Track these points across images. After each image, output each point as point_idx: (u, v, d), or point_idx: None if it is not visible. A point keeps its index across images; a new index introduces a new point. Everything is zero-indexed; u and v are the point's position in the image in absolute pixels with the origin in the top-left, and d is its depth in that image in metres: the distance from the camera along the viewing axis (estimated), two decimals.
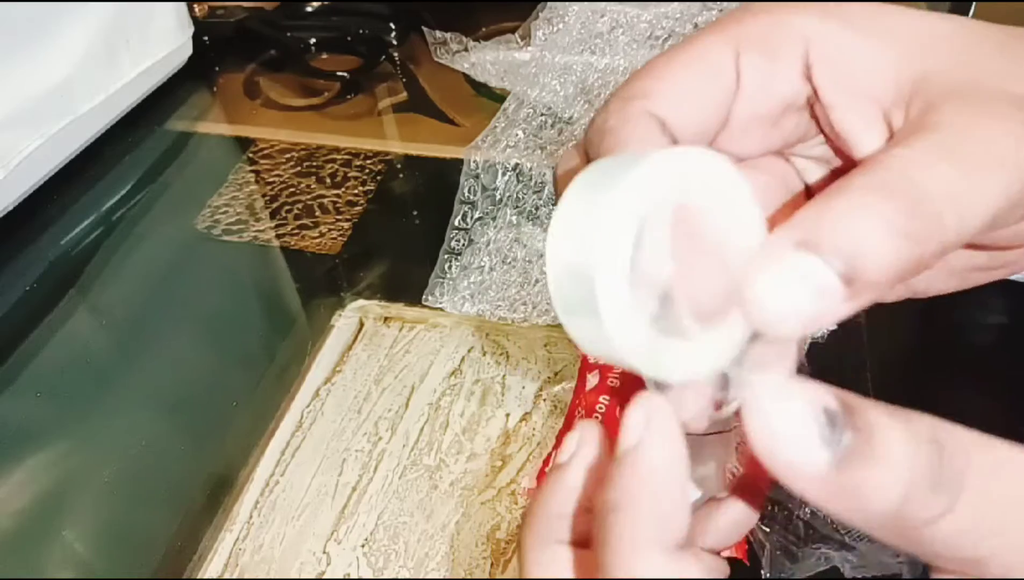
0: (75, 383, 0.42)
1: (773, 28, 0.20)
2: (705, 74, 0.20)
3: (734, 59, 0.20)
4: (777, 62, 0.20)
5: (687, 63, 0.20)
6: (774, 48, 0.20)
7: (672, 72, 0.20)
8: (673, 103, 0.20)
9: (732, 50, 0.20)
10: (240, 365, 0.43)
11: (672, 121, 0.20)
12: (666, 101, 0.20)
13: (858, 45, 0.20)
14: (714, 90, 0.20)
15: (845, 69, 0.20)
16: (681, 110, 0.20)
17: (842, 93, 0.20)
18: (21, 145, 0.48)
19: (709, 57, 0.20)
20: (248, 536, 0.35)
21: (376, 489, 0.36)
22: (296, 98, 0.61)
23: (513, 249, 0.45)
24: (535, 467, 0.36)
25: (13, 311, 0.46)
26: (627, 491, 0.16)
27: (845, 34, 0.20)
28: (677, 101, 0.20)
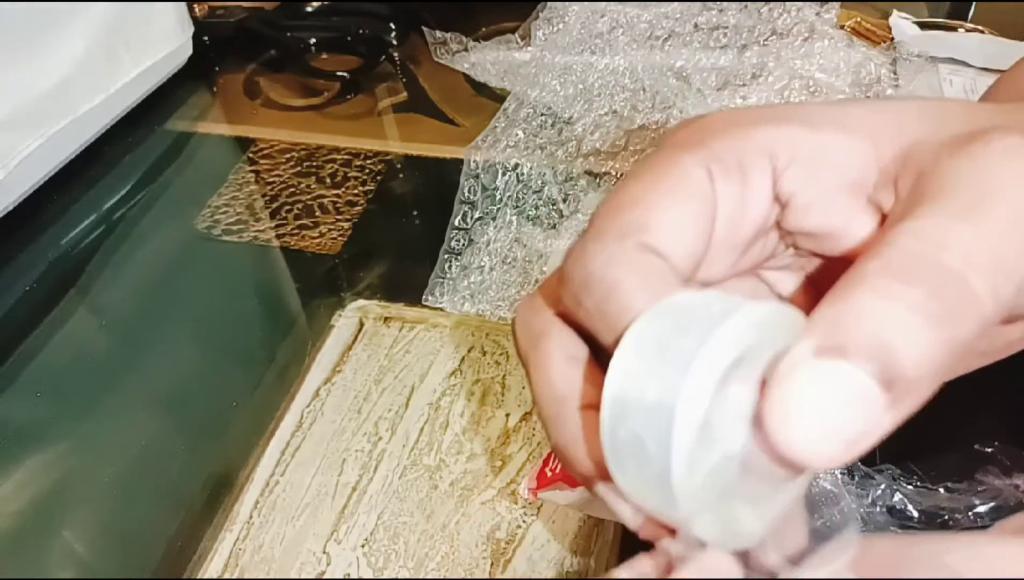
0: (75, 383, 0.42)
1: (738, 146, 0.19)
2: (692, 200, 0.19)
3: (711, 183, 0.19)
4: (748, 185, 0.19)
5: (672, 189, 0.19)
6: (744, 169, 0.19)
7: (660, 201, 0.19)
8: (669, 235, 0.18)
9: (707, 173, 0.19)
10: (240, 365, 0.43)
11: (670, 254, 0.18)
12: (662, 234, 0.18)
13: (826, 142, 0.19)
14: (703, 217, 0.19)
15: (817, 168, 0.19)
16: (677, 240, 0.18)
17: (818, 191, 0.19)
18: (21, 145, 0.48)
19: (691, 182, 0.19)
20: (248, 536, 0.35)
21: (376, 489, 0.36)
22: (296, 98, 0.61)
23: (513, 249, 0.46)
24: (535, 467, 0.35)
25: (13, 311, 0.46)
26: None
27: (810, 135, 0.19)
28: (672, 232, 0.18)
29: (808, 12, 0.57)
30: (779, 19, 0.57)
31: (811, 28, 0.56)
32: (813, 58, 0.54)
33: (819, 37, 0.55)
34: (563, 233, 0.45)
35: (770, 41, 0.56)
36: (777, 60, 0.54)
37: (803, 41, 0.55)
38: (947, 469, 0.33)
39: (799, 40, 0.55)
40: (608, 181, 0.48)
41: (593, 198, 0.47)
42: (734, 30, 0.57)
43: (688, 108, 0.52)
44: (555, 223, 0.46)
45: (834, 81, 0.52)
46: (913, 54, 0.54)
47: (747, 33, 0.57)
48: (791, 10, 0.58)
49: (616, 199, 0.19)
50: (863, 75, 0.53)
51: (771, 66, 0.54)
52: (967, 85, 0.52)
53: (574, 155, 0.50)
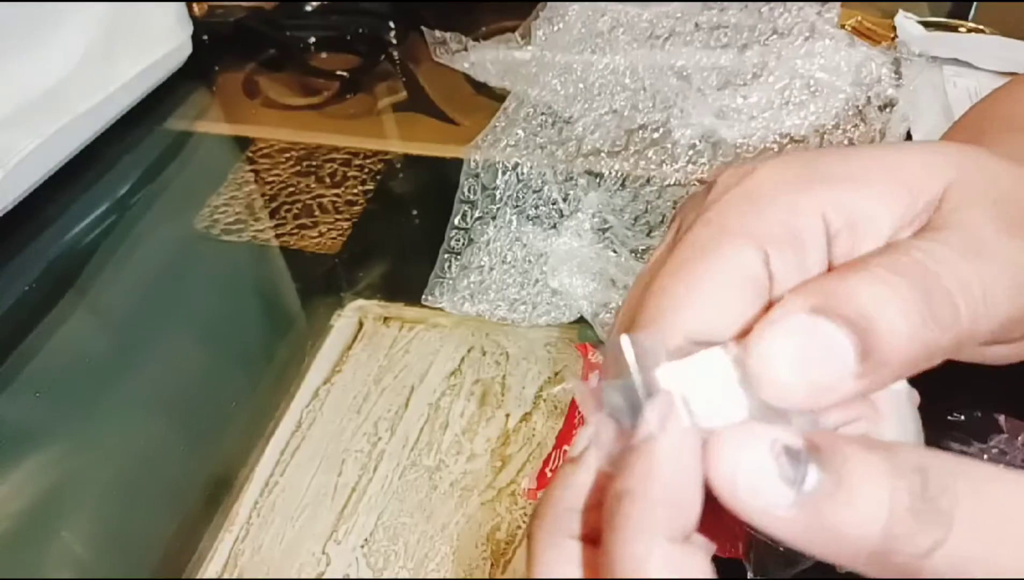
0: (74, 383, 0.42)
1: (791, 218, 0.19)
2: (742, 288, 0.18)
3: (764, 262, 0.18)
4: (805, 254, 0.19)
5: (720, 281, 0.18)
6: (800, 241, 0.19)
7: (706, 292, 0.18)
8: (717, 325, 0.18)
9: (760, 253, 0.18)
10: (239, 365, 0.43)
11: (716, 337, 0.18)
12: (711, 325, 0.18)
13: (873, 200, 0.19)
14: (753, 303, 0.18)
15: (864, 229, 0.19)
16: (725, 328, 0.18)
17: (864, 249, 0.19)
18: (20, 145, 0.48)
19: (741, 268, 0.18)
20: (247, 536, 0.35)
21: (376, 489, 0.36)
22: (295, 97, 0.61)
23: (513, 249, 0.45)
24: (535, 468, 0.35)
25: (12, 311, 0.46)
26: (639, 478, 0.16)
27: (858, 195, 0.19)
28: (721, 323, 0.18)
29: (809, 11, 0.57)
30: (780, 18, 0.57)
31: (812, 27, 0.56)
32: (814, 57, 0.53)
33: (820, 36, 0.55)
34: (563, 232, 0.45)
35: (771, 40, 0.56)
36: (778, 59, 0.54)
37: (804, 40, 0.55)
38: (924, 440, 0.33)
39: (800, 39, 0.55)
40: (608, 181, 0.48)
41: (593, 198, 0.47)
42: (735, 29, 0.57)
43: (688, 108, 0.52)
44: (555, 223, 0.46)
45: (835, 81, 0.52)
46: (915, 54, 0.54)
47: (748, 32, 0.57)
48: (792, 9, 0.57)
49: (659, 289, 0.18)
50: (864, 75, 0.53)
51: (772, 65, 0.54)
52: (971, 87, 0.52)
53: (574, 154, 0.50)
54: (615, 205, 0.47)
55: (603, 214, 0.46)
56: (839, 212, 0.19)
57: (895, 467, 0.14)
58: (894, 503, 0.14)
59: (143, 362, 0.43)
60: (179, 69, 0.61)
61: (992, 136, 0.28)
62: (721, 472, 0.15)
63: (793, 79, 0.53)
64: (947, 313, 0.16)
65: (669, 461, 0.16)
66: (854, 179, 0.19)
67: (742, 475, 0.14)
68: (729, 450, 0.15)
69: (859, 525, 0.14)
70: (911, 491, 0.14)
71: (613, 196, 0.47)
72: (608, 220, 0.46)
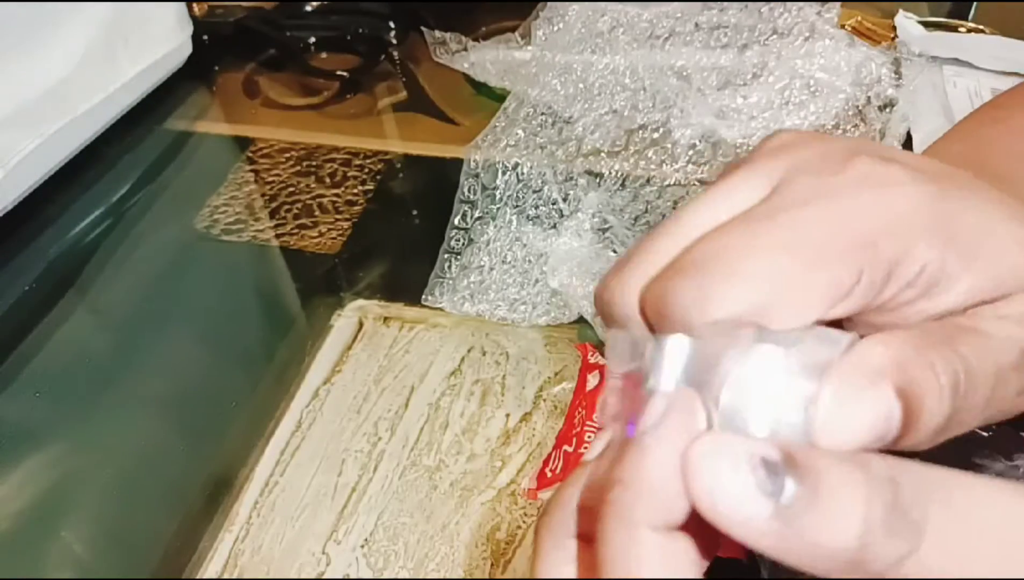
0: (74, 383, 0.42)
1: (899, 257, 0.19)
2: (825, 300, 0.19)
3: (854, 284, 0.19)
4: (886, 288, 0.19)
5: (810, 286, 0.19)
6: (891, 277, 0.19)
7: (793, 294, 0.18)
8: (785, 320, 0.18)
9: (857, 275, 0.18)
10: (239, 365, 0.43)
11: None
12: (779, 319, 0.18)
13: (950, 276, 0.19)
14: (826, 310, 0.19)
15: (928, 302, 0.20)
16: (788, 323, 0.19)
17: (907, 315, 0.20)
18: (20, 145, 0.48)
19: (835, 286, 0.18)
20: (247, 536, 0.35)
21: (376, 489, 0.36)
22: (295, 97, 0.61)
23: (513, 249, 0.45)
24: (535, 467, 0.35)
25: (12, 311, 0.46)
26: (632, 468, 0.16)
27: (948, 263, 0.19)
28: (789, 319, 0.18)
29: (809, 11, 0.57)
30: (780, 18, 0.57)
31: (812, 28, 0.56)
32: (814, 58, 0.54)
33: (820, 37, 0.55)
34: (563, 232, 0.45)
35: (771, 41, 0.56)
36: (778, 60, 0.54)
37: (804, 40, 0.55)
38: (945, 458, 0.33)
39: (800, 40, 0.55)
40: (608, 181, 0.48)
41: (593, 198, 0.47)
42: (735, 29, 0.57)
43: (688, 108, 0.52)
44: (555, 223, 0.46)
45: (835, 81, 0.52)
46: (915, 54, 0.54)
47: (748, 32, 0.57)
48: (792, 9, 0.57)
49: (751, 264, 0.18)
50: (864, 75, 0.53)
51: (772, 66, 0.54)
52: (971, 86, 0.52)
53: (574, 154, 0.50)
54: (615, 205, 0.47)
55: (603, 214, 0.46)
56: (936, 269, 0.19)
57: (869, 478, 0.14)
58: (868, 514, 0.14)
59: (143, 362, 0.43)
60: (179, 69, 0.61)
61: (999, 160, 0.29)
62: (699, 483, 0.15)
63: (793, 79, 0.53)
64: (975, 395, 0.17)
65: (661, 454, 0.16)
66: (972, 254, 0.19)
67: (720, 487, 0.14)
68: (707, 462, 0.15)
69: (835, 536, 0.14)
70: (884, 502, 0.14)
71: (613, 196, 0.47)
72: (608, 220, 0.46)
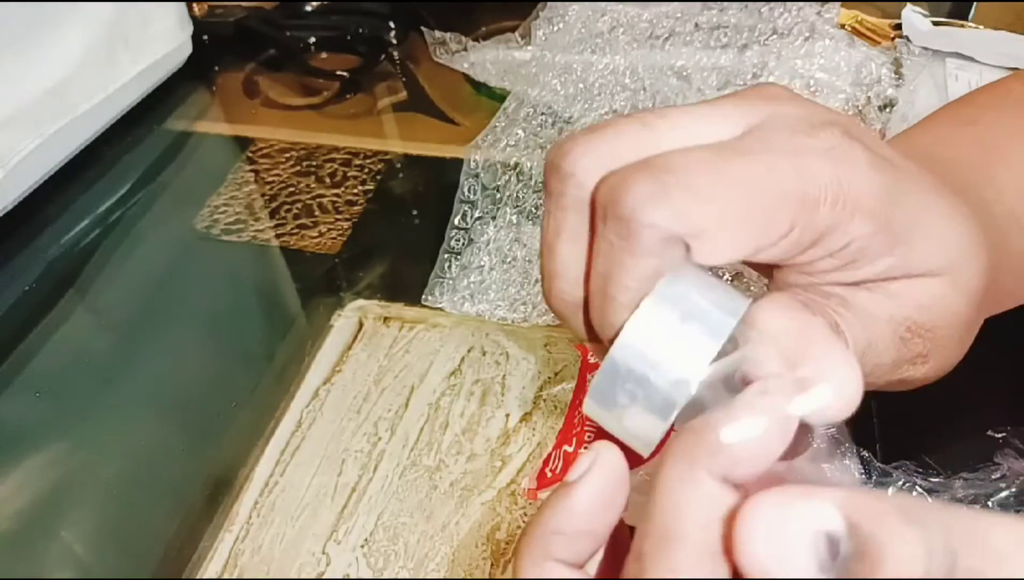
0: (74, 383, 0.42)
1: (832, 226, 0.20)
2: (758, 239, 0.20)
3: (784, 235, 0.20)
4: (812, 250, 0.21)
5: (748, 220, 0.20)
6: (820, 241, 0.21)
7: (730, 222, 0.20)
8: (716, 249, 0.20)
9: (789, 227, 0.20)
10: (239, 365, 0.43)
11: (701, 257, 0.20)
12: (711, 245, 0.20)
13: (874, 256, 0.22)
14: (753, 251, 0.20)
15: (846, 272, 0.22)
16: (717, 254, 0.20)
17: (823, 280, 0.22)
18: (20, 145, 0.48)
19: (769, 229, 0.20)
20: (247, 536, 0.35)
21: (376, 489, 0.36)
22: (295, 97, 0.61)
23: (513, 249, 0.45)
24: (535, 467, 0.35)
25: (12, 311, 0.46)
26: (549, 506, 0.18)
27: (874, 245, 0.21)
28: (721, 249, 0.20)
29: (809, 12, 0.57)
30: (780, 18, 0.57)
31: (812, 28, 0.56)
32: (814, 58, 0.54)
33: (820, 37, 0.55)
34: None
35: (771, 41, 0.56)
36: (778, 60, 0.54)
37: (804, 41, 0.55)
38: (963, 458, 0.33)
39: (800, 40, 0.55)
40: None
41: None
42: (735, 29, 0.57)
43: None
44: None
45: (835, 81, 0.52)
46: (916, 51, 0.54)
47: (748, 32, 0.57)
48: (792, 9, 0.57)
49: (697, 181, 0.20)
50: (864, 75, 0.53)
51: (772, 66, 0.54)
52: (973, 80, 0.52)
53: None
54: None
55: None
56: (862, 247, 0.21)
57: (927, 548, 0.13)
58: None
59: (143, 362, 0.43)
60: (179, 69, 0.61)
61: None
62: (753, 550, 0.14)
63: (793, 79, 0.53)
64: None
65: (580, 501, 0.18)
66: None
67: (775, 564, 0.13)
68: (765, 535, 0.14)
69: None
70: (940, 565, 0.13)
71: None
72: None
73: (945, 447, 0.33)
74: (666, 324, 0.18)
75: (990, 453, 0.33)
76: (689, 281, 0.19)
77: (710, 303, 0.18)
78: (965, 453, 0.33)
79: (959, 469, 0.32)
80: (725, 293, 0.19)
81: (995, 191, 0.26)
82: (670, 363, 0.18)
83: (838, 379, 0.17)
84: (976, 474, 0.32)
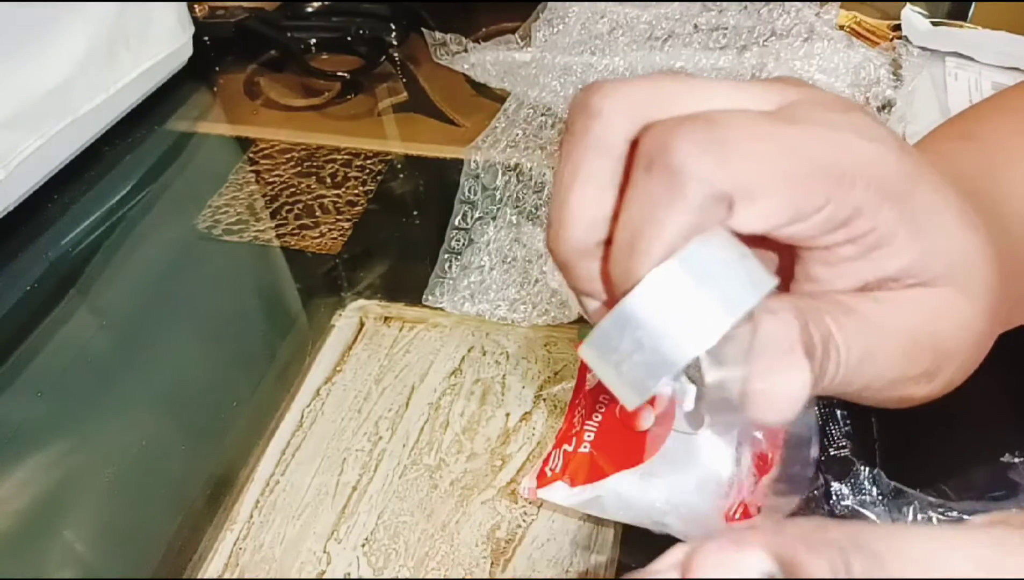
0: (76, 383, 0.42)
1: (855, 206, 0.20)
2: (793, 210, 0.20)
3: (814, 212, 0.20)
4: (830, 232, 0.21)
5: (791, 190, 0.20)
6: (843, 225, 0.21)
7: (773, 185, 0.20)
8: (755, 214, 0.20)
9: (823, 202, 0.20)
10: (240, 365, 0.43)
11: (739, 222, 0.20)
12: (756, 209, 0.20)
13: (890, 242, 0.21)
14: (786, 223, 0.20)
15: (862, 261, 0.21)
16: (753, 221, 0.20)
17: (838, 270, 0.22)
18: (21, 145, 0.48)
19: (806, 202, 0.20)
20: (248, 536, 0.35)
21: (376, 489, 0.36)
22: (296, 98, 0.61)
23: (513, 249, 0.46)
24: (535, 467, 0.36)
25: (13, 311, 0.46)
26: None
27: (889, 227, 0.21)
28: (759, 214, 0.20)
29: (808, 13, 0.57)
30: (779, 20, 0.57)
31: (811, 29, 0.56)
32: (813, 59, 0.54)
33: (819, 38, 0.55)
34: None
35: (770, 42, 0.56)
36: (777, 61, 0.54)
37: (803, 42, 0.55)
38: (978, 485, 0.32)
39: (799, 41, 0.55)
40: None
41: None
42: (734, 31, 0.57)
43: None
44: None
45: (833, 82, 0.53)
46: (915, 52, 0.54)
47: (747, 34, 0.57)
48: (791, 11, 0.58)
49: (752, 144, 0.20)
50: (862, 76, 0.53)
51: (771, 67, 0.54)
52: (972, 79, 0.52)
53: None
54: None
55: None
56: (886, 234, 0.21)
57: (832, 567, 0.15)
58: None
59: (145, 362, 0.43)
60: (180, 70, 0.62)
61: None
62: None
63: None
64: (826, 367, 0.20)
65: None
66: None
67: None
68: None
69: None
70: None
71: None
72: None
73: (960, 474, 0.32)
74: (689, 286, 0.18)
75: (1005, 478, 0.32)
76: (722, 246, 0.18)
77: (738, 274, 0.18)
78: (981, 479, 0.32)
79: (975, 495, 0.32)
80: (754, 267, 0.19)
81: (1004, 194, 0.26)
82: (682, 326, 0.18)
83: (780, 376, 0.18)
84: (993, 502, 0.31)
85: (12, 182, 0.49)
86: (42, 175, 0.52)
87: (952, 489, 0.32)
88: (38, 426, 0.40)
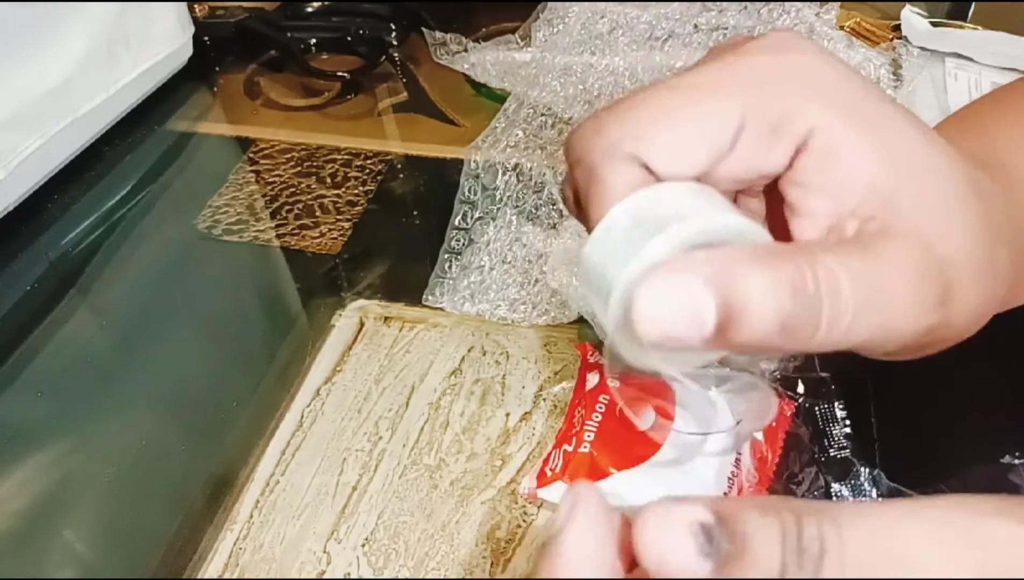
0: (76, 383, 0.42)
1: (786, 109, 0.20)
2: (704, 135, 0.21)
3: (737, 128, 0.20)
4: (776, 144, 0.21)
5: (689, 118, 0.21)
6: (780, 131, 0.21)
7: (671, 123, 0.21)
8: (664, 154, 0.21)
9: (738, 118, 0.20)
10: (240, 365, 0.43)
11: (658, 168, 0.21)
12: (657, 149, 0.21)
13: (850, 150, 0.20)
14: (708, 152, 0.21)
15: (831, 174, 0.21)
16: (670, 161, 0.21)
17: (817, 197, 0.21)
18: (21, 145, 0.48)
19: (713, 120, 0.21)
20: (248, 536, 0.35)
21: (376, 489, 0.36)
22: (296, 98, 0.61)
23: (513, 249, 0.46)
24: (535, 467, 0.36)
25: (14, 311, 0.46)
26: (546, 570, 0.18)
27: (846, 135, 0.20)
28: (668, 153, 0.21)
29: (808, 13, 0.57)
30: (779, 20, 0.57)
31: (811, 29, 0.56)
32: None
33: (819, 38, 0.55)
34: (563, 233, 0.46)
35: None
36: None
37: None
38: (977, 486, 0.32)
39: None
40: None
41: None
42: (734, 31, 0.57)
43: None
44: (555, 223, 0.46)
45: None
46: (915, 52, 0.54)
47: (747, 34, 0.57)
48: (791, 11, 0.58)
49: (636, 103, 0.21)
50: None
51: None
52: (971, 80, 0.52)
53: None
54: None
55: None
56: (825, 138, 0.20)
57: (783, 526, 0.16)
58: (784, 558, 0.16)
59: (145, 362, 0.43)
60: (180, 70, 0.62)
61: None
62: (649, 552, 0.16)
63: None
64: (808, 321, 0.18)
65: (573, 561, 0.18)
66: (854, 122, 0.21)
67: (667, 555, 0.16)
68: (653, 533, 0.16)
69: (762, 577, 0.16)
70: (794, 546, 0.16)
71: None
72: None
73: (959, 474, 0.32)
74: (625, 225, 0.20)
75: (1003, 478, 0.32)
76: (660, 193, 0.20)
77: (666, 212, 0.20)
78: (979, 479, 0.32)
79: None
80: (692, 206, 0.20)
81: (1013, 179, 0.25)
82: (621, 257, 0.20)
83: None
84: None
85: (12, 182, 0.49)
86: (42, 175, 0.52)
87: (952, 490, 0.32)
88: (38, 426, 0.40)
